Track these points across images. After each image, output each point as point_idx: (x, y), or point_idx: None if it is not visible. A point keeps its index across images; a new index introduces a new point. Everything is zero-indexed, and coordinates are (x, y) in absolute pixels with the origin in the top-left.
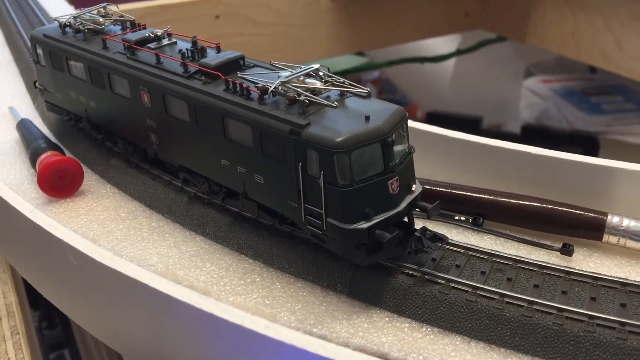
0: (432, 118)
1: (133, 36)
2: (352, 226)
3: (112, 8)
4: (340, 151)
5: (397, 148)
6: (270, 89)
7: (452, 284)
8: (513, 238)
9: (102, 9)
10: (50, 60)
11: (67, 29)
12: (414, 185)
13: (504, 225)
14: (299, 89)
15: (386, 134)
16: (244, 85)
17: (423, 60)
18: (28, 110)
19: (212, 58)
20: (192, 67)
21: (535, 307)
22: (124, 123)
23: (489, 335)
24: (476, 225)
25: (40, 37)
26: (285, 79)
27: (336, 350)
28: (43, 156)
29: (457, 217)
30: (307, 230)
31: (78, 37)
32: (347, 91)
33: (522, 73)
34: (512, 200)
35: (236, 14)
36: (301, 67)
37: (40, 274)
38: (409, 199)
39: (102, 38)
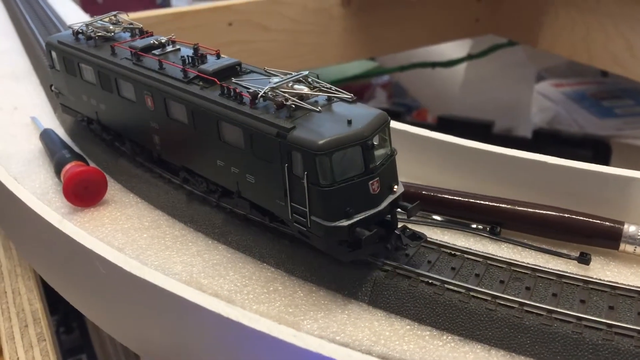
0: (443, 122)
1: (139, 43)
2: (334, 224)
3: (123, 16)
4: (321, 153)
5: (379, 151)
6: (260, 94)
7: (471, 293)
8: (531, 247)
9: (113, 17)
10: (64, 65)
11: (80, 36)
12: (396, 186)
13: (521, 234)
14: (286, 94)
15: (366, 137)
16: (237, 90)
17: (434, 65)
18: (49, 120)
19: (211, 64)
20: (192, 73)
21: (554, 315)
22: (130, 125)
23: (509, 343)
24: (493, 234)
25: (55, 43)
26: (275, 85)
27: (362, 359)
28: (68, 166)
29: (474, 226)
30: (294, 227)
31: (89, 43)
32: (333, 96)
33: (533, 77)
34: (529, 209)
35: (249, 21)
36: (292, 74)
37: (66, 282)
38: (390, 199)
39: (111, 45)
